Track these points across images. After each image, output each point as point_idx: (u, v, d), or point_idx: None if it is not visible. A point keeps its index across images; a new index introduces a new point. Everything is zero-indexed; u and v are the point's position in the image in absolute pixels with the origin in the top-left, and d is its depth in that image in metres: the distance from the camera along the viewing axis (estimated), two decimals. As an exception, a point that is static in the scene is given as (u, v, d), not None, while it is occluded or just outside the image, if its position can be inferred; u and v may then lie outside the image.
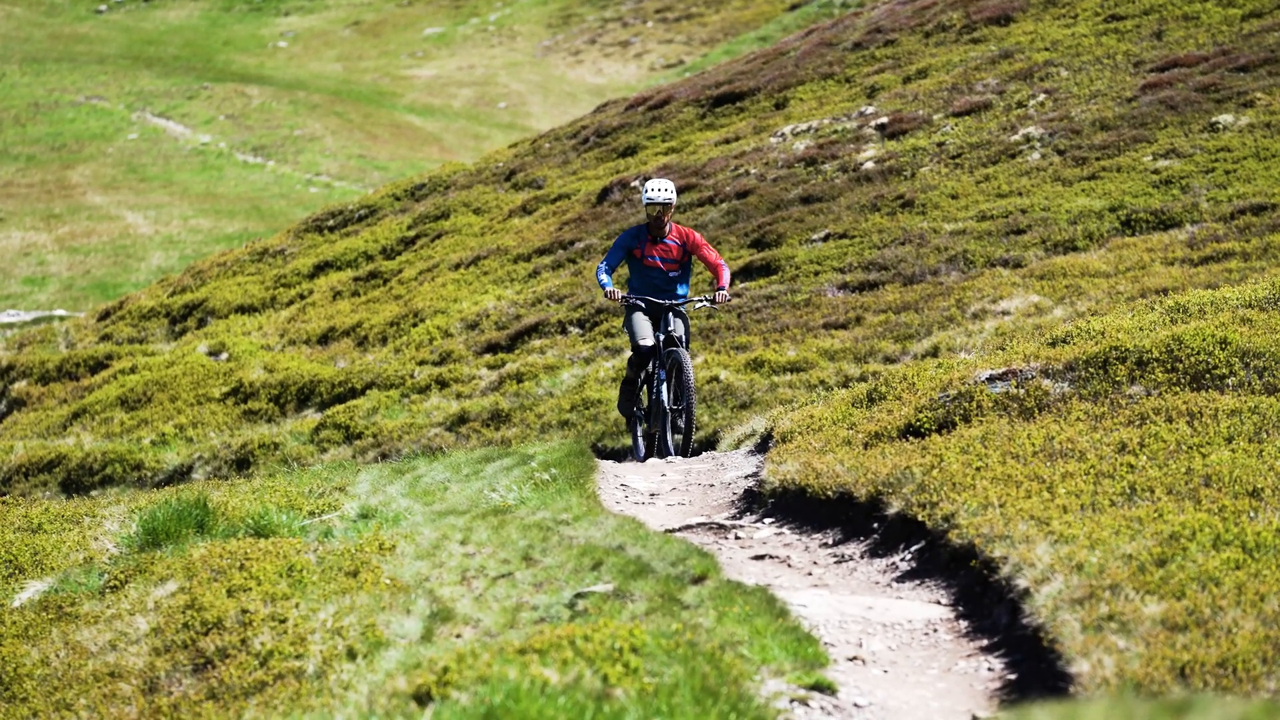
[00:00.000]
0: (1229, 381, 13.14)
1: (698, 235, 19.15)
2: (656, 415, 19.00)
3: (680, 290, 19.17)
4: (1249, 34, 36.98)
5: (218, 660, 11.14)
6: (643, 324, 18.96)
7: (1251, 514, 10.41)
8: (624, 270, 32.07)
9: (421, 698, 8.18)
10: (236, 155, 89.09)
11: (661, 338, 18.93)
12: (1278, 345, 13.32)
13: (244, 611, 11.57)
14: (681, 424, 18.77)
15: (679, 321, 19.04)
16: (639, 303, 19.00)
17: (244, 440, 31.29)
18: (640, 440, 19.50)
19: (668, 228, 19.02)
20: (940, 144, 36.33)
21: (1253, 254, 26.87)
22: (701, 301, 19.15)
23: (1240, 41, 36.69)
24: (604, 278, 18.78)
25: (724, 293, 18.84)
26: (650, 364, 19.07)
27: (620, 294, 18.81)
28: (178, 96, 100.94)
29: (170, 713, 10.86)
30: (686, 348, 18.88)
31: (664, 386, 18.84)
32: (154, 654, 11.61)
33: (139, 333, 43.72)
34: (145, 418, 34.12)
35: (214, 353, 38.18)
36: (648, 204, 19.00)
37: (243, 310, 42.95)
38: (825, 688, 9.36)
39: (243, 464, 30.43)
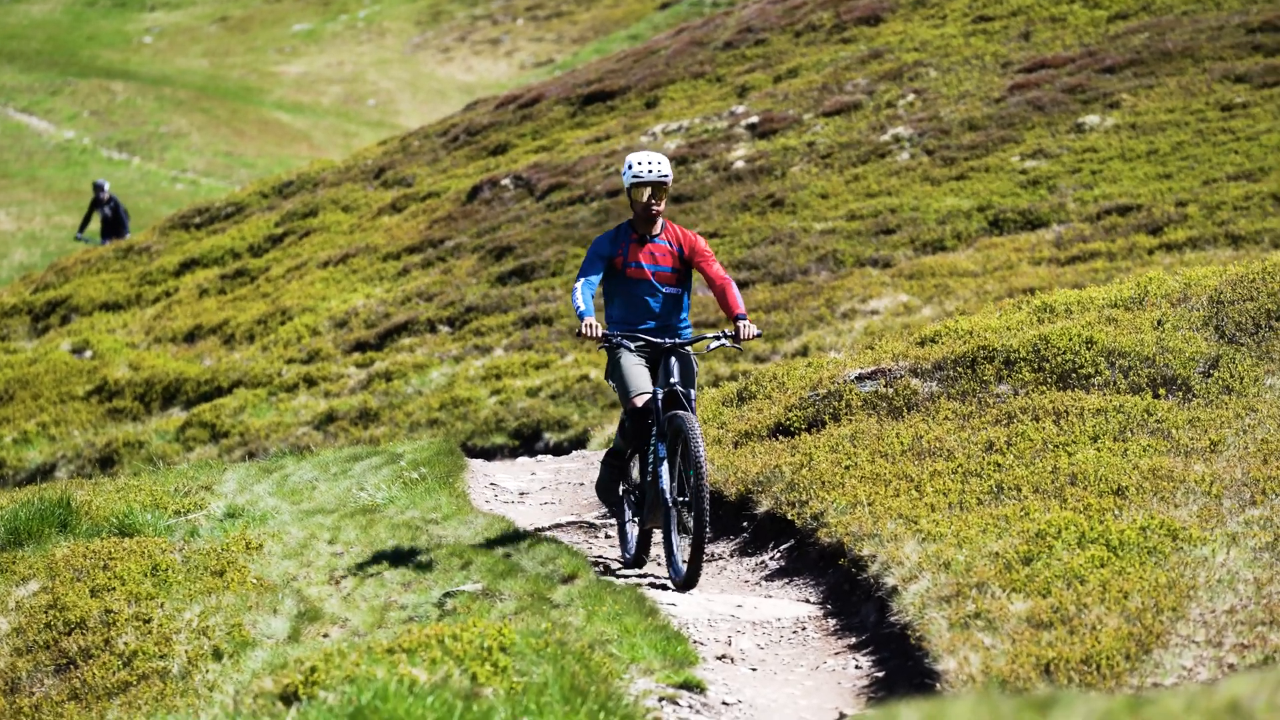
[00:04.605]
0: (1094, 381, 13.27)
1: (700, 241, 12.99)
2: (655, 508, 12.66)
3: (681, 319, 13.07)
4: (1115, 35, 37.39)
5: (81, 660, 11.02)
6: (636, 372, 12.75)
7: (1116, 512, 10.51)
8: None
9: (288, 698, 8.12)
10: (101, 151, 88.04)
11: (662, 394, 12.60)
12: (1142, 345, 13.46)
13: (108, 611, 11.44)
14: (690, 521, 12.25)
15: (684, 366, 12.73)
16: (627, 344, 12.78)
17: (108, 439, 30.94)
18: (631, 533, 13.34)
19: (660, 222, 12.92)
20: (810, 144, 36.47)
21: (1118, 254, 27.16)
22: (720, 340, 12.68)
23: (1106, 43, 37.09)
24: (581, 300, 12.51)
25: (747, 324, 12.54)
26: (650, 430, 12.76)
27: (602, 330, 12.52)
28: (40, 92, 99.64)
29: (31, 713, 10.73)
30: (693, 403, 12.64)
31: (664, 467, 12.51)
32: (15, 654, 11.46)
33: (0, 330, 43.12)
34: (7, 415, 33.67)
35: (78, 350, 37.71)
36: (632, 184, 12.77)
37: (107, 308, 42.42)
38: (694, 686, 9.38)
39: (107, 462, 30.09)
